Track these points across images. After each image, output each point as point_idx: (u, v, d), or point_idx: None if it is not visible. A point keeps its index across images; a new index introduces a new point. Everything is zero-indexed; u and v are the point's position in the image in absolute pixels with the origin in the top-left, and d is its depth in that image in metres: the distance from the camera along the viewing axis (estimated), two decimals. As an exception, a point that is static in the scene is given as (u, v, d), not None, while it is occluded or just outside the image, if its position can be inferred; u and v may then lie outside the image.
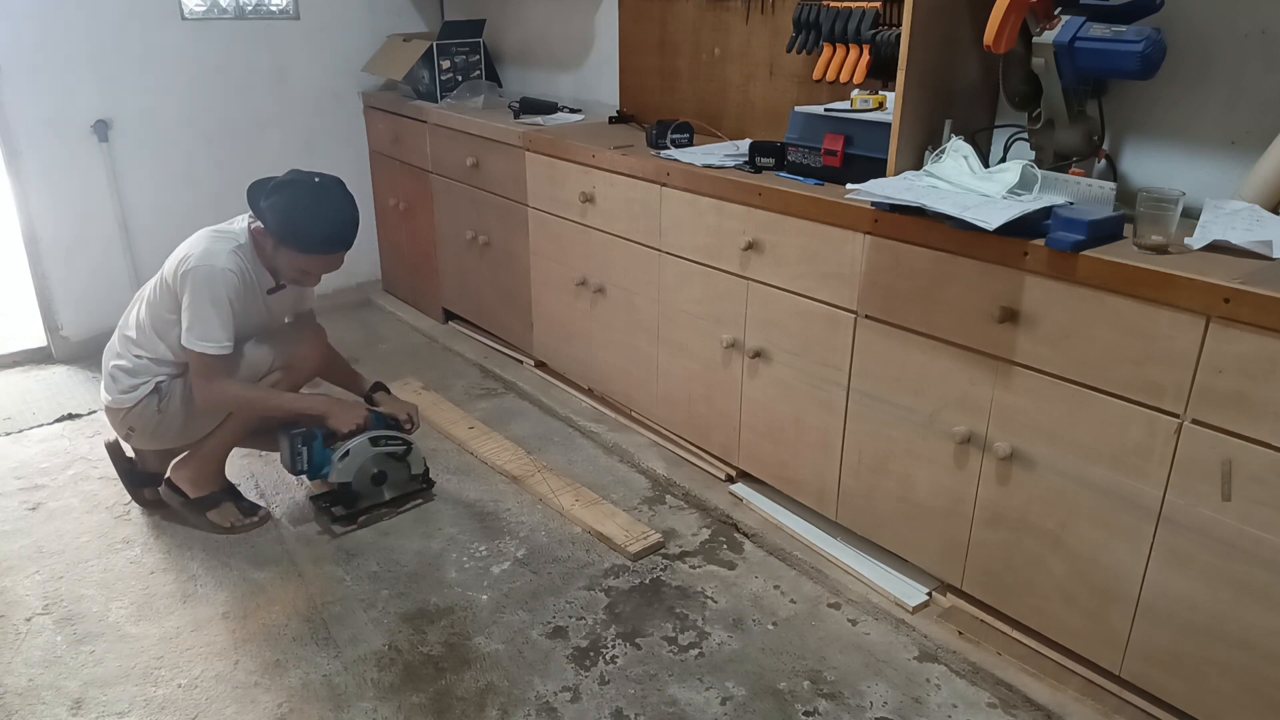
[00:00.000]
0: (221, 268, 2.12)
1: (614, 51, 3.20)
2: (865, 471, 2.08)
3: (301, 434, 2.28)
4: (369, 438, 2.33)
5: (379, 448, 2.35)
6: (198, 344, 2.11)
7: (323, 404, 2.32)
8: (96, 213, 3.37)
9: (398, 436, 2.39)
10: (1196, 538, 1.53)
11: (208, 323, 2.11)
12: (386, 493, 2.42)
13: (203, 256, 2.12)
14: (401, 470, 2.42)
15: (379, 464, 2.37)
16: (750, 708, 1.78)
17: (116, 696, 1.80)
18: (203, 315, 2.11)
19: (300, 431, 2.28)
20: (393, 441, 2.38)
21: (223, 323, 2.12)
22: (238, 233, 2.21)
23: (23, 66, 3.12)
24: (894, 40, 2.16)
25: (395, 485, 2.43)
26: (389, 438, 2.37)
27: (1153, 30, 1.66)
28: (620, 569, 2.20)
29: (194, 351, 2.12)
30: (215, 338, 2.11)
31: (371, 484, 2.38)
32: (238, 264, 2.16)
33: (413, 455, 2.43)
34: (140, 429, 2.26)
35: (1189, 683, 1.59)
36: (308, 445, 2.30)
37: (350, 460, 2.31)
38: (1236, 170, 1.76)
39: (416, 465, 2.45)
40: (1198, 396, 1.48)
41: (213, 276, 2.11)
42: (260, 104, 3.67)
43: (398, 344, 3.65)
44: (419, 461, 2.46)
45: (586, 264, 2.80)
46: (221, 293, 2.12)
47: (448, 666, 1.89)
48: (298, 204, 2.14)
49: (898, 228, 1.86)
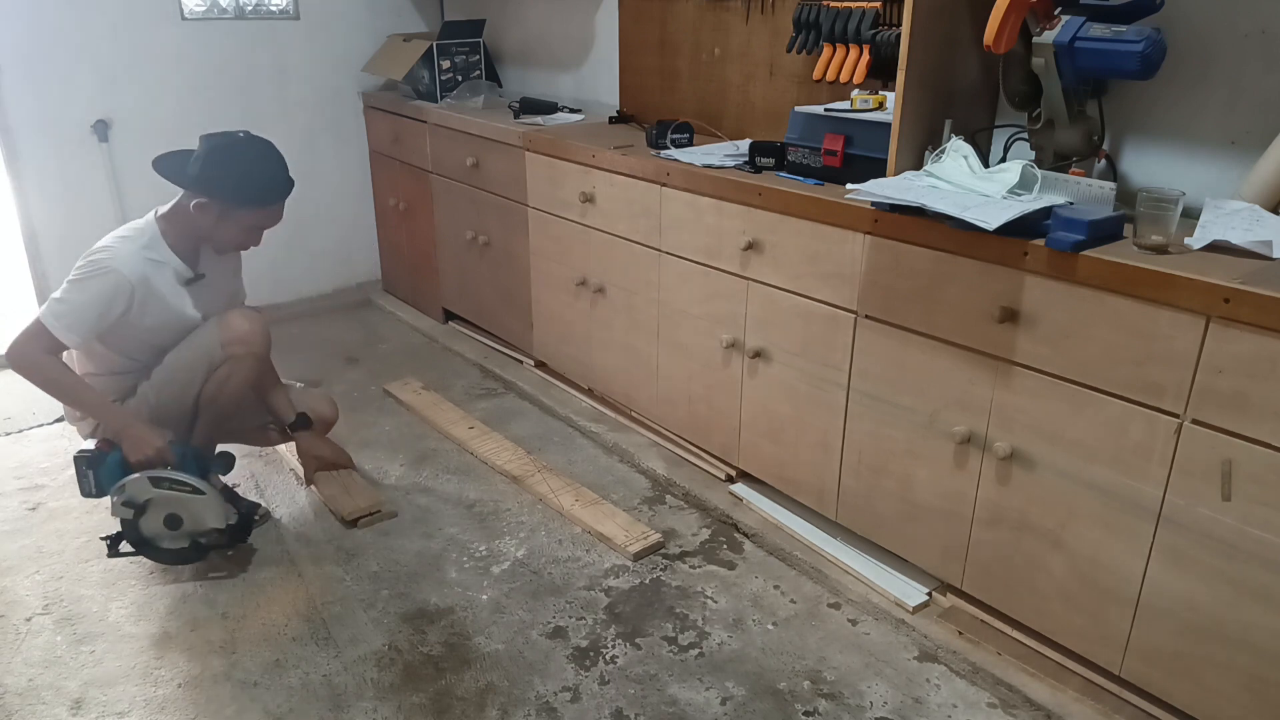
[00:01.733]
0: (118, 271, 2.03)
1: (614, 51, 3.20)
2: (865, 471, 2.08)
3: (89, 455, 2.09)
4: (149, 476, 2.03)
5: (160, 489, 2.04)
6: (49, 317, 2.00)
7: (120, 422, 2.09)
8: (96, 213, 3.37)
9: (189, 482, 2.05)
10: (1196, 538, 1.53)
11: (71, 306, 2.01)
12: (174, 541, 2.10)
13: (109, 254, 2.04)
14: (199, 518, 2.08)
15: (171, 506, 2.06)
16: (750, 708, 1.78)
17: (116, 696, 1.80)
18: (72, 298, 2.01)
19: (89, 453, 2.09)
20: (180, 486, 2.04)
21: (85, 320, 2.02)
22: (144, 228, 2.14)
23: (23, 66, 3.12)
24: (894, 40, 2.16)
25: (191, 533, 2.10)
26: (176, 481, 2.04)
27: (1153, 30, 1.66)
28: (620, 569, 2.20)
29: (41, 320, 2.00)
30: (67, 325, 2.01)
31: (165, 526, 2.08)
32: (141, 268, 2.07)
33: (207, 505, 2.07)
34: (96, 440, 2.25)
35: (1189, 683, 1.59)
36: (94, 468, 2.07)
37: (125, 496, 2.04)
38: (1236, 170, 1.76)
39: (214, 519, 2.09)
40: (1198, 396, 1.48)
41: (105, 274, 2.02)
42: (260, 104, 3.67)
43: (398, 344, 3.65)
44: (218, 515, 2.09)
45: (586, 264, 2.80)
46: (101, 292, 2.01)
47: (448, 666, 1.89)
48: (242, 163, 2.09)
49: (898, 228, 1.86)
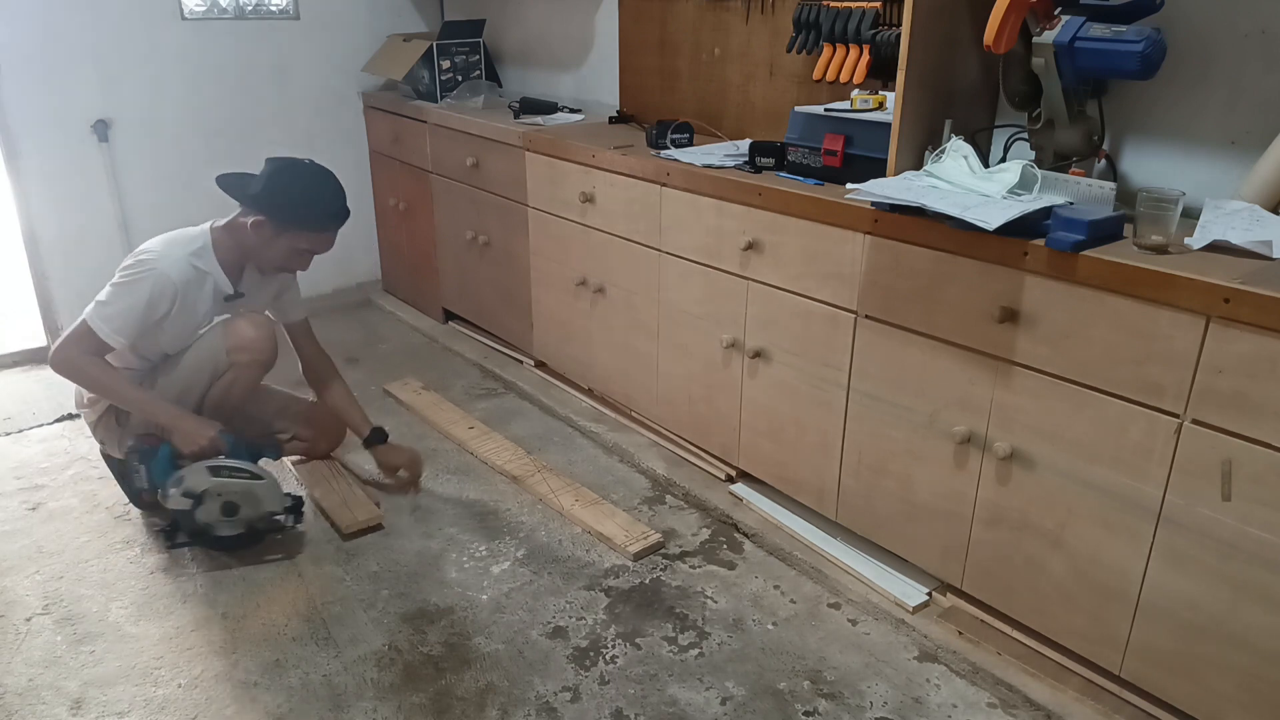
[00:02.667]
0: (163, 272, 2.06)
1: (614, 51, 3.20)
2: (865, 471, 2.08)
3: (142, 449, 2.12)
4: (208, 465, 2.09)
5: (219, 477, 2.10)
6: (95, 319, 2.03)
7: (170, 416, 2.12)
8: (96, 213, 3.38)
9: (246, 469, 2.13)
10: (1196, 538, 1.53)
11: (117, 309, 2.04)
12: (231, 527, 2.15)
13: (156, 256, 2.07)
14: (255, 505, 2.16)
15: (227, 494, 2.12)
16: (750, 708, 1.78)
17: (116, 696, 1.80)
18: (116, 300, 2.04)
19: (142, 447, 2.13)
20: (238, 473, 2.12)
21: (129, 320, 2.04)
22: (197, 236, 2.16)
23: (23, 66, 3.12)
24: (894, 40, 2.15)
25: (247, 519, 2.17)
26: (234, 468, 2.12)
27: (1153, 30, 1.66)
28: (620, 569, 2.20)
29: (85, 320, 2.04)
30: (113, 326, 2.04)
31: (221, 515, 2.13)
32: (186, 273, 2.10)
33: (265, 490, 2.16)
34: (109, 441, 2.27)
35: (1189, 683, 1.59)
36: (146, 462, 2.10)
37: (184, 487, 2.08)
38: (1236, 170, 1.76)
39: (271, 503, 2.18)
40: (1198, 396, 1.48)
41: (150, 276, 2.05)
42: (260, 104, 3.67)
43: (398, 344, 3.65)
44: (275, 499, 2.18)
45: (586, 264, 2.80)
46: (146, 294, 2.04)
47: (448, 666, 1.89)
48: (301, 185, 2.14)
49: (898, 228, 1.86)
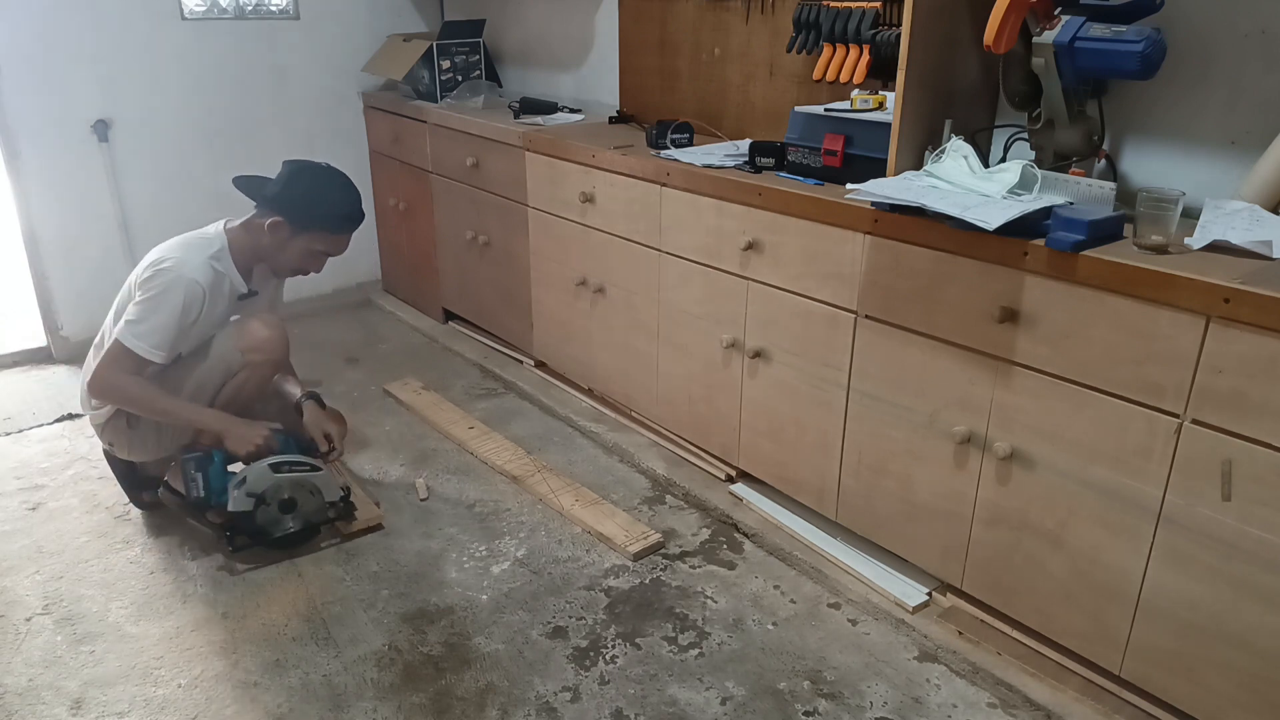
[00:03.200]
0: (190, 278, 2.06)
1: (614, 51, 3.20)
2: (865, 471, 2.08)
3: (195, 457, 2.13)
4: (269, 463, 2.11)
5: (281, 474, 2.12)
6: (129, 338, 2.03)
7: (219, 421, 2.14)
8: (96, 213, 3.38)
9: (305, 461, 2.16)
10: (1196, 538, 1.53)
11: (150, 324, 2.04)
12: (293, 522, 2.18)
13: (176, 263, 2.07)
14: (313, 498, 2.19)
15: (285, 491, 2.14)
16: (750, 708, 1.78)
17: (116, 696, 1.80)
18: (149, 315, 2.04)
19: (195, 455, 2.14)
20: (298, 466, 2.14)
21: (165, 331, 2.05)
22: (213, 237, 2.17)
23: (23, 66, 3.12)
24: (894, 40, 2.16)
25: (305, 514, 2.20)
26: (294, 463, 2.14)
27: (1153, 30, 1.66)
28: (620, 569, 2.20)
29: (120, 342, 2.03)
30: (150, 340, 2.04)
31: (278, 512, 2.15)
32: (210, 275, 2.11)
33: (323, 481, 2.19)
34: (118, 443, 2.26)
35: (1189, 683, 1.59)
36: (203, 470, 2.12)
37: (248, 487, 2.10)
38: (1236, 170, 1.76)
39: (329, 492, 2.21)
40: (1198, 396, 1.48)
41: (178, 284, 2.05)
42: (260, 104, 3.67)
43: (398, 344, 3.65)
44: (332, 488, 2.21)
45: (586, 264, 2.80)
46: (179, 302, 2.04)
47: (448, 666, 1.89)
48: (317, 186, 2.16)
49: (898, 228, 1.86)
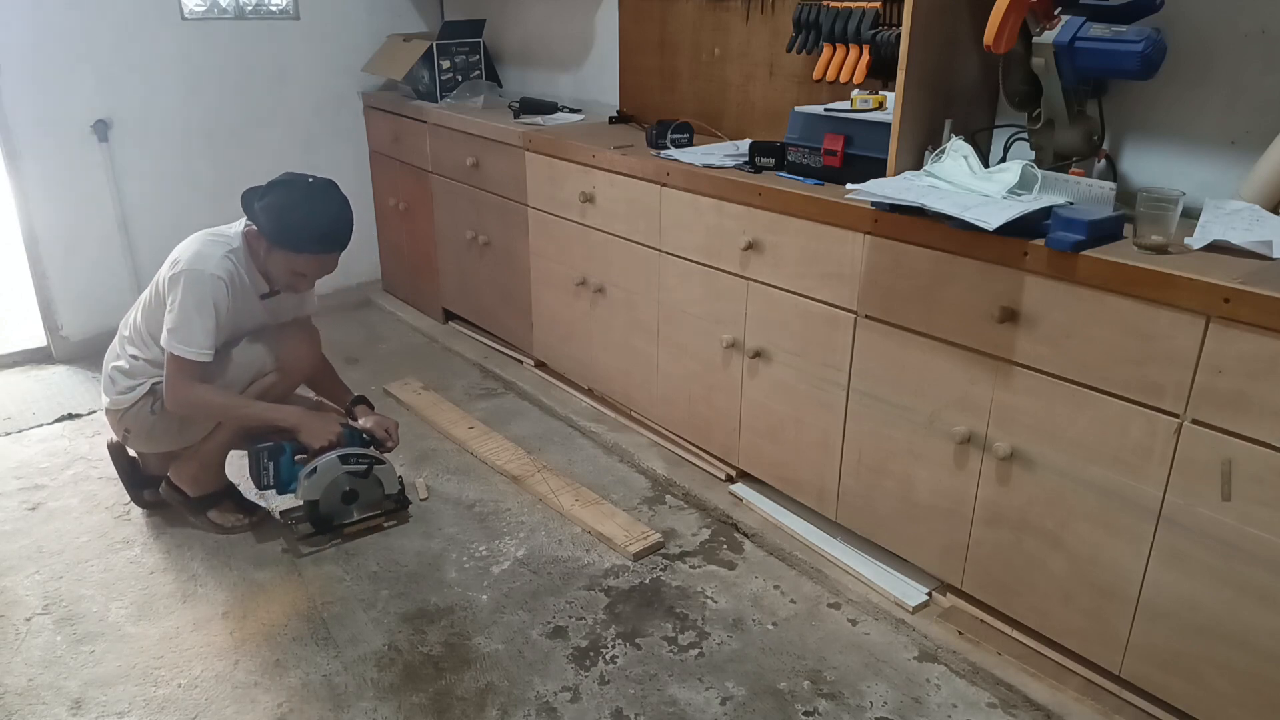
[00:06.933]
0: (210, 273, 2.10)
1: (614, 51, 3.20)
2: (865, 471, 2.08)
3: (268, 448, 2.21)
4: (339, 455, 2.23)
5: (349, 466, 2.25)
6: (177, 347, 2.08)
7: (295, 416, 2.23)
8: (96, 213, 3.37)
9: (369, 455, 2.29)
10: (1196, 538, 1.53)
11: (190, 327, 2.08)
12: (356, 512, 2.32)
13: (193, 260, 2.11)
14: (373, 489, 2.32)
15: (349, 482, 2.27)
16: (750, 708, 1.78)
17: (116, 696, 1.80)
18: (186, 319, 2.08)
19: (267, 446, 2.21)
20: (365, 459, 2.27)
21: (205, 329, 2.09)
22: (232, 236, 2.19)
23: (23, 66, 3.12)
24: (894, 40, 2.16)
25: (366, 505, 2.33)
26: (360, 455, 2.27)
27: (1153, 30, 1.66)
28: (620, 569, 2.20)
29: (171, 354, 2.09)
30: (196, 343, 2.08)
31: (341, 502, 2.29)
32: (229, 269, 2.14)
33: (385, 474, 2.33)
34: (136, 430, 2.26)
35: (1189, 683, 1.59)
36: (274, 460, 2.22)
37: (319, 478, 2.21)
38: (1236, 170, 1.76)
39: (390, 485, 2.35)
40: (1198, 396, 1.48)
41: (200, 281, 2.09)
42: (260, 104, 3.67)
43: (398, 344, 3.65)
44: (392, 481, 2.35)
45: (586, 264, 2.80)
46: (208, 298, 2.09)
47: (448, 666, 1.89)
48: (289, 203, 2.13)
49: (898, 228, 1.86)
